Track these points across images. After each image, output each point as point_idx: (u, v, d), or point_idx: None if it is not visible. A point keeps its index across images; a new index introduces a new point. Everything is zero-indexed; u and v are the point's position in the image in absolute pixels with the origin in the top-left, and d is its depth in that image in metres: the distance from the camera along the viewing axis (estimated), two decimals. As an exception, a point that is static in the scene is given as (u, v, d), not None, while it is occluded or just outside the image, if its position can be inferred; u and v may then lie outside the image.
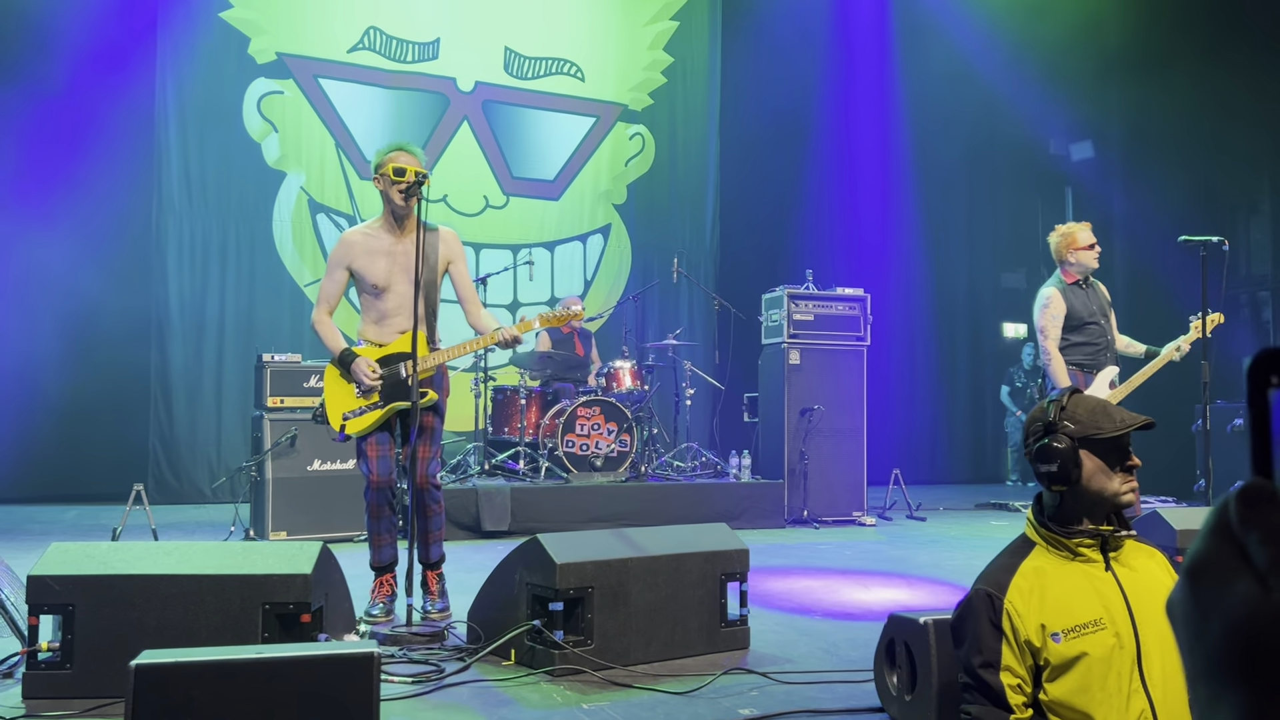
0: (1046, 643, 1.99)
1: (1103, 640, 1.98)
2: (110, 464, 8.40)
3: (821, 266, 8.72)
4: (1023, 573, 2.07)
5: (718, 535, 3.80)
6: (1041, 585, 2.04)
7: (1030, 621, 2.01)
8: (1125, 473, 2.06)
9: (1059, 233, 5.41)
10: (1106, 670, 1.96)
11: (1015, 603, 2.03)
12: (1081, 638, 1.98)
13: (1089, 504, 2.07)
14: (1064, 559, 2.07)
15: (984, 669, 2.04)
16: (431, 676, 3.22)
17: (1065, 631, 1.99)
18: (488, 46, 10.21)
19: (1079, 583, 2.04)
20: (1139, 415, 2.08)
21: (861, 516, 7.88)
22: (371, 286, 4.08)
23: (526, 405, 7.31)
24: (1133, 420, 2.07)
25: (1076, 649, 1.97)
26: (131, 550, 3.17)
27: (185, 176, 8.92)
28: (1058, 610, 2.01)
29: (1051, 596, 2.03)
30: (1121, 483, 2.06)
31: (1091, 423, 2.07)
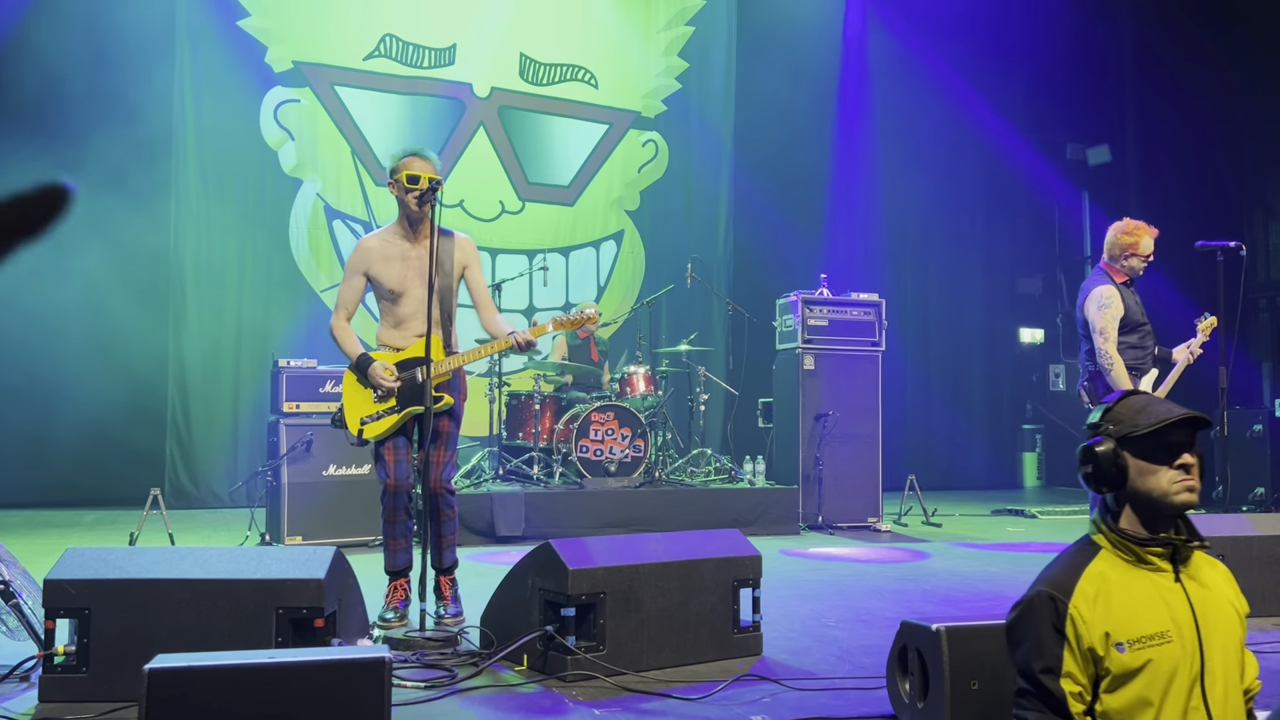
0: (1110, 652, 1.91)
1: (1168, 654, 1.90)
2: (128, 469, 8.46)
3: (836, 271, 8.70)
4: (1088, 577, 1.98)
5: (730, 541, 3.79)
6: (1108, 591, 1.96)
7: (1095, 629, 1.93)
8: (1178, 470, 1.95)
9: (1125, 229, 5.18)
10: (1168, 685, 1.89)
11: (1080, 608, 1.95)
12: (1147, 649, 1.90)
13: (1143, 506, 1.99)
14: (1131, 565, 1.99)
15: (1045, 675, 1.95)
16: (444, 681, 3.23)
17: (1130, 642, 1.91)
18: (503, 53, 10.25)
19: (1147, 592, 1.96)
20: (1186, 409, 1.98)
21: (876, 523, 7.85)
22: (388, 292, 4.10)
23: (541, 411, 7.32)
24: (1168, 414, 1.97)
25: (1141, 660, 1.90)
26: (147, 555, 3.19)
27: (203, 184, 8.98)
28: (1124, 619, 1.93)
29: (1118, 604, 1.94)
30: (1171, 481, 1.95)
31: (1130, 420, 2.00)
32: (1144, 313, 5.25)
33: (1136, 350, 5.20)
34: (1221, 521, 4.54)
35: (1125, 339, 5.17)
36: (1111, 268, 5.17)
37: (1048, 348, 13.23)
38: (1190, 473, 1.95)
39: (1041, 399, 13.01)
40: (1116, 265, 5.17)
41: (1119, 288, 5.09)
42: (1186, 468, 1.95)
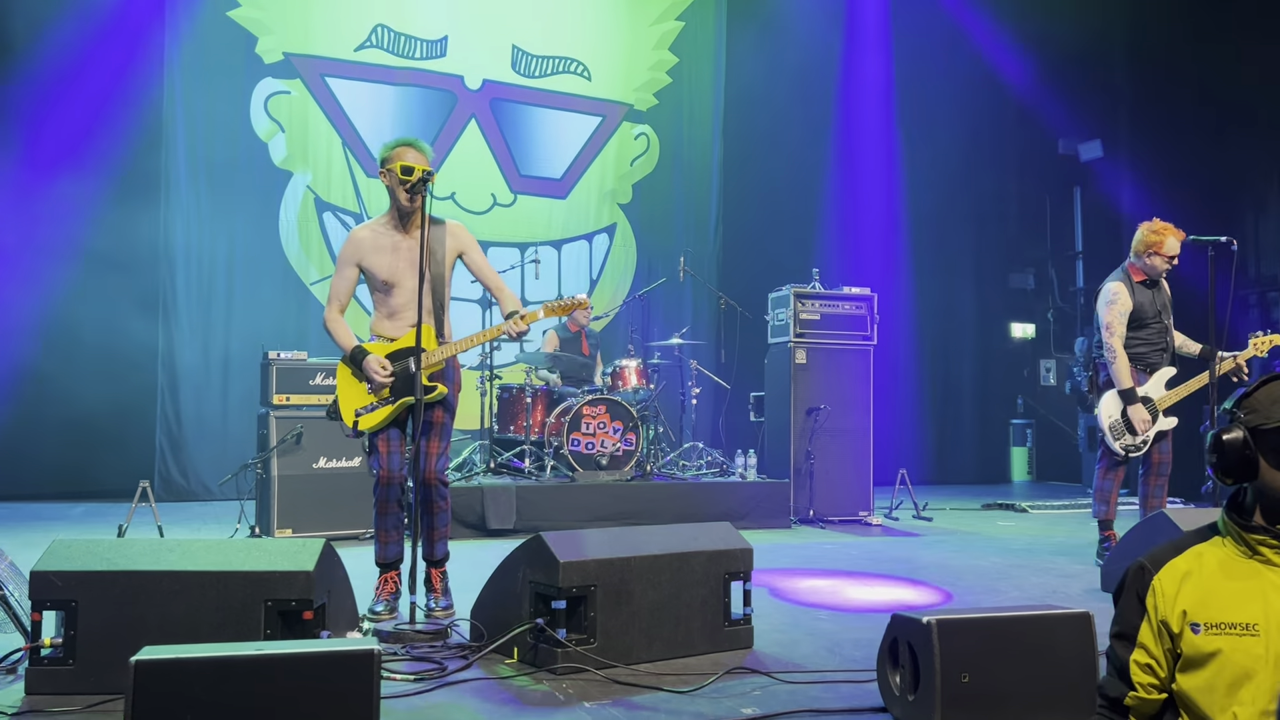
0: (1184, 630, 1.87)
1: (1247, 646, 1.83)
2: (117, 461, 8.43)
3: (828, 266, 8.72)
4: (1186, 555, 1.95)
5: (721, 534, 3.79)
6: (1201, 571, 1.91)
7: (1174, 604, 1.89)
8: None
9: (1153, 228, 5.28)
10: (1242, 679, 1.81)
11: (1164, 581, 1.92)
12: (1223, 635, 1.84)
13: (1272, 502, 1.90)
14: (1242, 553, 1.91)
15: (1117, 639, 1.96)
16: (433, 674, 3.22)
17: (1207, 625, 1.86)
18: (495, 44, 10.21)
19: (1246, 581, 1.88)
20: None
21: (867, 516, 7.86)
22: (381, 283, 4.09)
23: (532, 404, 7.31)
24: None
25: (1213, 645, 1.84)
26: (134, 546, 3.17)
27: (192, 176, 8.94)
28: (1207, 601, 1.88)
29: (1207, 584, 1.89)
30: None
31: (1265, 410, 1.90)
32: (1163, 312, 5.29)
33: (1146, 346, 5.26)
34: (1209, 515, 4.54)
35: (1134, 334, 5.23)
36: (1133, 265, 5.31)
37: (1039, 342, 13.26)
38: None
39: (1032, 394, 13.04)
40: (1138, 263, 5.29)
41: (1131, 285, 5.23)
42: None
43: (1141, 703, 1.92)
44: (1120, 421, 5.30)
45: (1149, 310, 5.24)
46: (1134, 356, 5.25)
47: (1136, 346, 5.26)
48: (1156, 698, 1.92)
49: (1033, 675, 2.75)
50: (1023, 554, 6.24)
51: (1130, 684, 1.92)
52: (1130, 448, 5.33)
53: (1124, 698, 1.93)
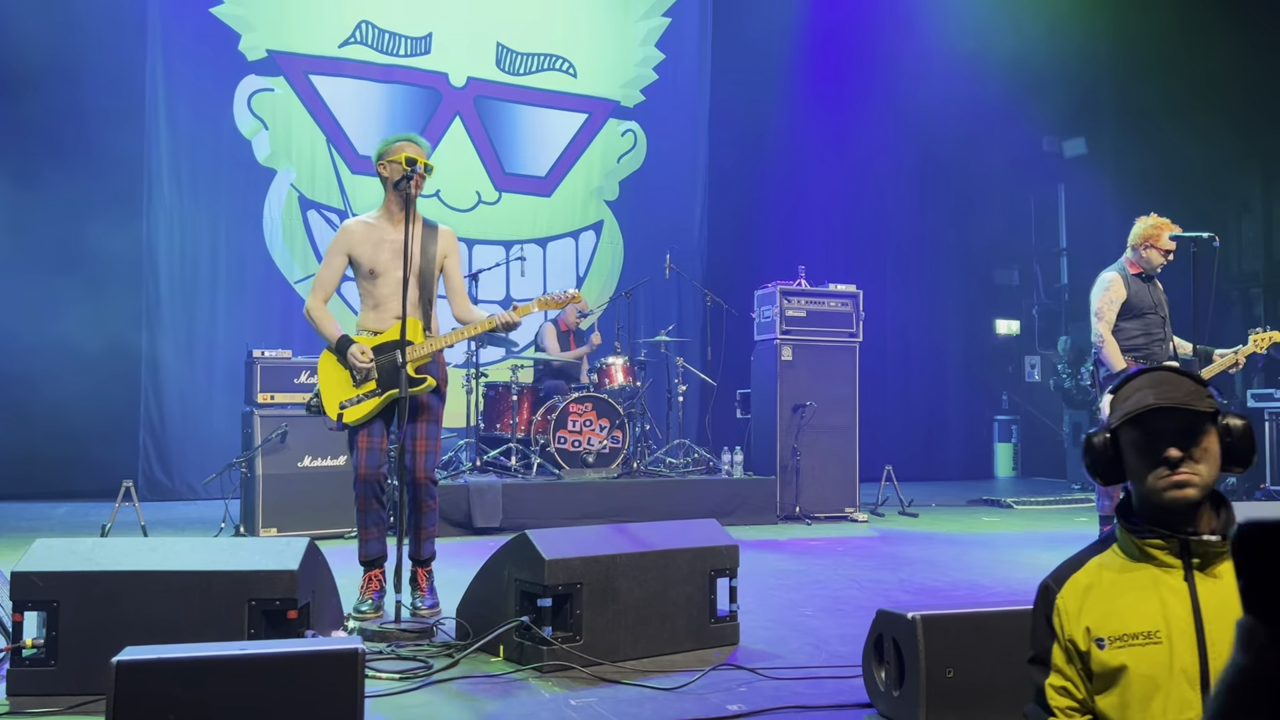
0: (1091, 648, 1.79)
1: (1152, 656, 1.73)
2: (101, 461, 8.38)
3: (814, 262, 8.71)
4: (1087, 569, 1.86)
5: (707, 531, 3.79)
6: (1100, 585, 1.82)
7: (1078, 622, 1.81)
8: (1163, 464, 1.75)
9: (1151, 223, 5.34)
10: (1153, 690, 1.72)
11: (1066, 599, 1.84)
12: (1128, 648, 1.75)
13: (1144, 501, 1.82)
14: (1136, 560, 1.82)
15: (1032, 664, 1.88)
16: (419, 673, 3.21)
17: (1111, 639, 1.76)
18: (480, 41, 10.18)
19: (1144, 589, 1.79)
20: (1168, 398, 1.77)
21: (853, 513, 7.88)
22: (368, 271, 4.08)
23: (518, 401, 7.30)
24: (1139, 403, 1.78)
25: (1119, 660, 1.75)
26: (117, 546, 3.15)
27: (175, 174, 8.88)
28: (1108, 614, 1.79)
29: (1106, 597, 1.80)
30: (1156, 477, 1.76)
31: (1120, 408, 1.83)
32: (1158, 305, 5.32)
33: (1145, 336, 5.28)
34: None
35: (1126, 325, 5.26)
36: (1130, 260, 5.35)
37: (1024, 339, 13.32)
38: (1178, 468, 1.74)
39: (1017, 390, 13.09)
40: (1134, 256, 5.33)
41: (1127, 276, 5.27)
42: (1169, 462, 1.74)
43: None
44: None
45: (1144, 303, 5.28)
46: (1133, 347, 5.27)
47: (1135, 337, 5.29)
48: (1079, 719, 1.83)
49: (1017, 670, 2.75)
50: (1007, 549, 6.27)
51: (1049, 709, 1.83)
52: None
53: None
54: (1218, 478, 1.79)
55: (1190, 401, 1.76)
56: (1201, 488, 1.75)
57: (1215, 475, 1.78)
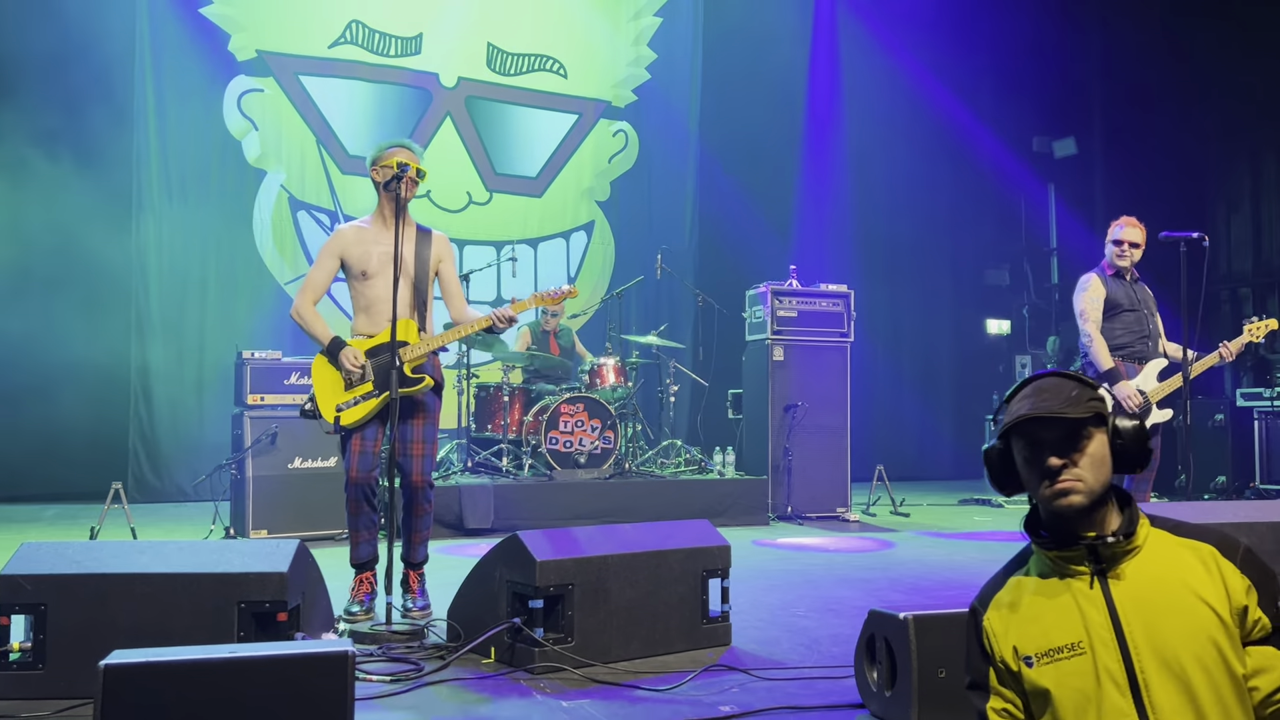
0: (1021, 667, 1.76)
1: (1078, 668, 1.70)
2: (90, 462, 8.33)
3: (805, 263, 8.72)
4: (1008, 586, 1.85)
5: (699, 532, 3.78)
6: (1021, 602, 1.81)
7: (1005, 642, 1.78)
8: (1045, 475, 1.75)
9: (1116, 222, 5.43)
10: (1083, 703, 1.69)
11: (992, 621, 1.82)
12: (1055, 663, 1.72)
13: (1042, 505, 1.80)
14: (1049, 573, 1.81)
15: (971, 690, 1.85)
16: (410, 675, 3.20)
17: (1038, 655, 1.73)
18: (471, 41, 10.16)
19: (1062, 600, 1.76)
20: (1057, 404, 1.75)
21: (845, 513, 7.89)
22: (360, 273, 4.07)
23: (510, 403, 7.28)
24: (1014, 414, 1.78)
25: (1048, 676, 1.72)
26: (105, 549, 3.13)
27: (165, 175, 8.85)
28: (1031, 630, 1.76)
29: (1028, 615, 1.78)
30: (1043, 486, 1.76)
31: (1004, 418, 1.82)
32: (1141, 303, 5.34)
33: (1130, 334, 5.30)
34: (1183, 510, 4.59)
35: (1110, 324, 5.28)
36: (1105, 260, 5.39)
37: (1014, 339, 13.33)
38: (1060, 476, 1.73)
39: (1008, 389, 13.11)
40: (1108, 256, 5.38)
41: (1105, 277, 5.31)
42: (1050, 472, 1.74)
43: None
44: None
45: (1124, 301, 5.29)
46: (1120, 346, 5.28)
47: (1120, 335, 5.30)
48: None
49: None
50: (998, 549, 6.28)
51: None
52: None
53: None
54: (1108, 480, 1.76)
55: (1065, 410, 1.74)
56: (1087, 493, 1.73)
57: (1103, 479, 1.75)
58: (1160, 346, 5.40)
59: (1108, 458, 1.76)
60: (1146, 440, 1.79)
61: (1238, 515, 4.55)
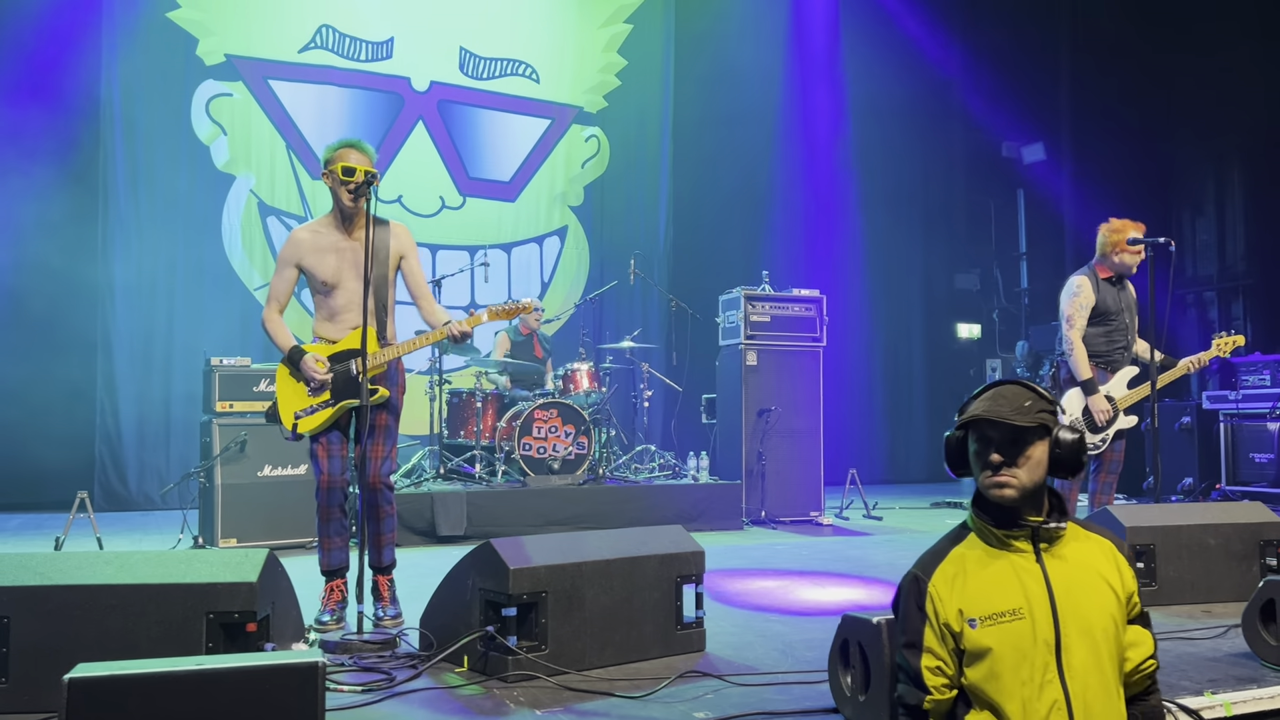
0: (964, 628, 2.04)
1: (1018, 630, 2.02)
2: (56, 471, 8.19)
3: (777, 268, 8.76)
4: (951, 558, 2.13)
5: (673, 537, 3.77)
6: (965, 571, 2.10)
7: (950, 605, 2.07)
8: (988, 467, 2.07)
9: (1112, 227, 5.36)
10: (1019, 660, 2.00)
11: (938, 586, 2.09)
12: (997, 625, 2.02)
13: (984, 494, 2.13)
14: (993, 547, 2.12)
15: (907, 649, 2.10)
16: (381, 685, 3.17)
17: (982, 618, 2.03)
18: (442, 46, 10.13)
19: (1004, 572, 2.08)
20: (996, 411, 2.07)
21: (818, 516, 7.91)
22: (321, 284, 4.02)
23: (483, 408, 7.25)
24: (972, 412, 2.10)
25: (992, 636, 2.02)
26: (70, 560, 3.08)
27: (132, 180, 8.73)
28: (977, 597, 2.06)
29: (973, 583, 2.08)
30: (985, 478, 2.09)
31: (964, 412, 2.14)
32: (1125, 310, 5.37)
33: (1109, 344, 5.32)
34: (1150, 511, 4.64)
35: (1097, 331, 5.30)
36: (1100, 264, 5.38)
37: (984, 343, 13.45)
38: (999, 471, 2.06)
39: (978, 393, 13.21)
40: (1105, 262, 5.36)
41: (1096, 281, 5.29)
42: (992, 466, 2.06)
43: (938, 704, 2.08)
44: (1080, 420, 5.35)
45: (1112, 308, 5.32)
46: (1096, 354, 5.31)
47: (1098, 344, 5.33)
48: (949, 695, 2.08)
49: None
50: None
51: (925, 688, 2.07)
52: (1090, 446, 5.37)
53: (922, 703, 2.08)
54: (1040, 481, 2.09)
55: (1013, 417, 2.06)
56: (1019, 489, 2.06)
57: (1037, 479, 2.08)
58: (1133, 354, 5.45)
59: (1044, 462, 2.09)
60: (1082, 453, 2.10)
61: (1205, 517, 4.61)
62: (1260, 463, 8.72)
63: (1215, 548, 4.51)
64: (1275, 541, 4.55)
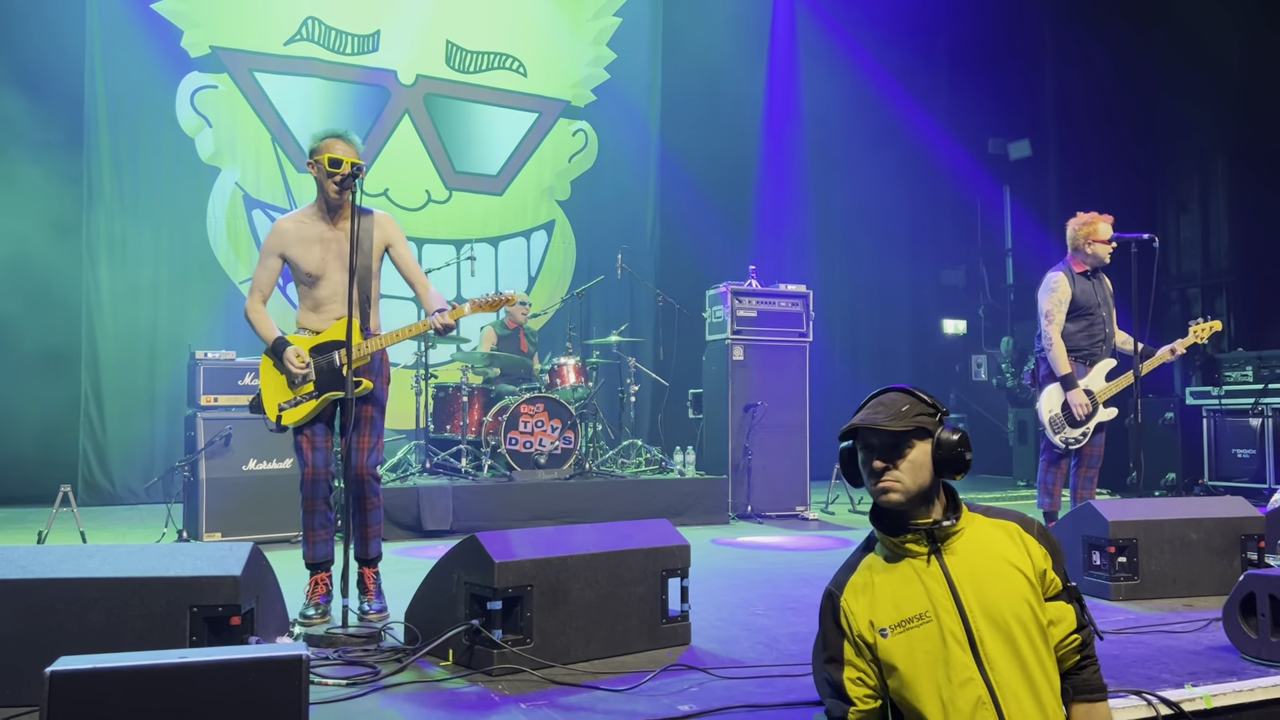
0: (876, 639, 2.07)
1: (927, 633, 2.03)
2: (39, 465, 8.14)
3: (765, 263, 8.76)
4: (859, 570, 2.17)
5: (658, 531, 3.78)
6: (873, 583, 2.12)
7: (861, 619, 2.09)
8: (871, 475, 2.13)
9: (1081, 220, 5.41)
10: (933, 662, 2.01)
11: (849, 600, 2.13)
12: (908, 632, 2.04)
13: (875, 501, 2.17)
14: (893, 554, 2.15)
15: (829, 664, 2.12)
16: (366, 679, 3.16)
17: (892, 627, 2.05)
18: (429, 39, 10.09)
19: (907, 577, 2.10)
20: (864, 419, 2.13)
21: (804, 511, 7.93)
22: (306, 275, 4.01)
23: (469, 403, 7.24)
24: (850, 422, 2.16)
25: (904, 642, 2.03)
26: (52, 553, 3.06)
27: (116, 172, 8.68)
28: (885, 606, 2.08)
29: (881, 593, 2.10)
30: (871, 484, 2.14)
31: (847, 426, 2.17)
32: (1102, 304, 5.39)
33: (1087, 338, 5.36)
34: (1133, 506, 4.67)
35: (1075, 326, 5.33)
36: (1074, 259, 5.41)
37: (970, 339, 13.50)
38: (882, 477, 2.11)
39: (964, 389, 13.27)
40: (1079, 256, 5.39)
41: (1072, 276, 5.32)
42: (875, 473, 2.12)
43: (864, 715, 2.09)
44: (1060, 415, 5.38)
45: (1089, 302, 5.35)
46: (1074, 348, 5.35)
47: (1076, 338, 5.36)
48: (875, 705, 2.09)
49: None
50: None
51: (849, 700, 2.08)
52: (1070, 440, 5.40)
53: (847, 715, 2.09)
54: (926, 483, 2.11)
55: (888, 423, 2.10)
56: (904, 492, 2.10)
57: (921, 481, 2.11)
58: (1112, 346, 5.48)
59: (928, 464, 2.11)
60: (965, 451, 2.12)
61: (1187, 512, 4.64)
62: (1242, 458, 8.79)
63: (1197, 542, 4.54)
64: (1256, 536, 4.59)
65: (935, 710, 1.98)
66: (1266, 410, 8.59)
